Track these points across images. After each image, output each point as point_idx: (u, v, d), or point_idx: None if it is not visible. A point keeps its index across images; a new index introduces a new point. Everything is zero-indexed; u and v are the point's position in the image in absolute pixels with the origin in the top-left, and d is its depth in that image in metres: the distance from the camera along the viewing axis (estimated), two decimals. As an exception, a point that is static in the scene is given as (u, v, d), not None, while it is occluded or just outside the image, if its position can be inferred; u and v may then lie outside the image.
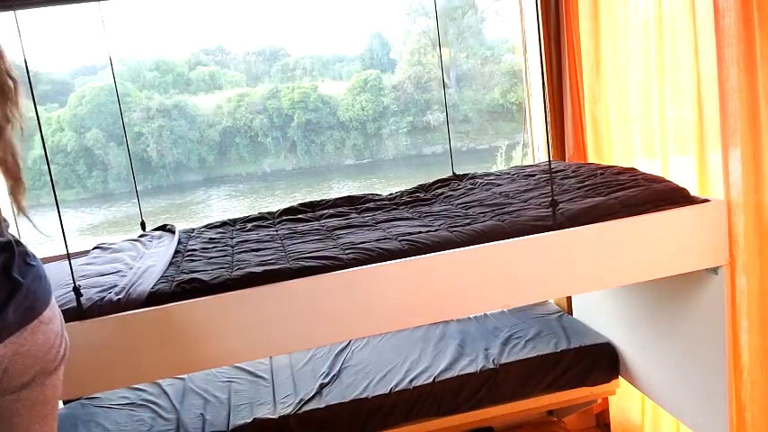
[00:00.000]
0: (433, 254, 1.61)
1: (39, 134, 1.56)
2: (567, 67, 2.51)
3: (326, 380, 2.27)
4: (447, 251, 1.62)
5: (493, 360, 2.26)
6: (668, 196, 1.76)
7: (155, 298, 1.51)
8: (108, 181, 13.50)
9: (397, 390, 2.15)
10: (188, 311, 1.49)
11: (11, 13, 1.68)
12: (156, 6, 14.94)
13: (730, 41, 1.66)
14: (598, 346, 2.32)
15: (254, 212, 2.39)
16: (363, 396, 2.14)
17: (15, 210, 1.14)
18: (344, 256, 1.62)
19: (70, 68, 14.75)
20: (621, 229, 1.70)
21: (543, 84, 2.59)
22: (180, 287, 1.53)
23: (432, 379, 2.18)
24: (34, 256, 1.09)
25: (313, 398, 2.16)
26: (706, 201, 1.76)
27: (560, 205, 1.75)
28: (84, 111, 13.43)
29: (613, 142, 2.43)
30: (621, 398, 2.49)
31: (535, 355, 2.27)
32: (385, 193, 2.44)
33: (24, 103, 1.10)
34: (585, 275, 1.72)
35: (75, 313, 1.45)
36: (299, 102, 14.25)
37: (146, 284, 1.56)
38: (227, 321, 1.50)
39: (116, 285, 1.58)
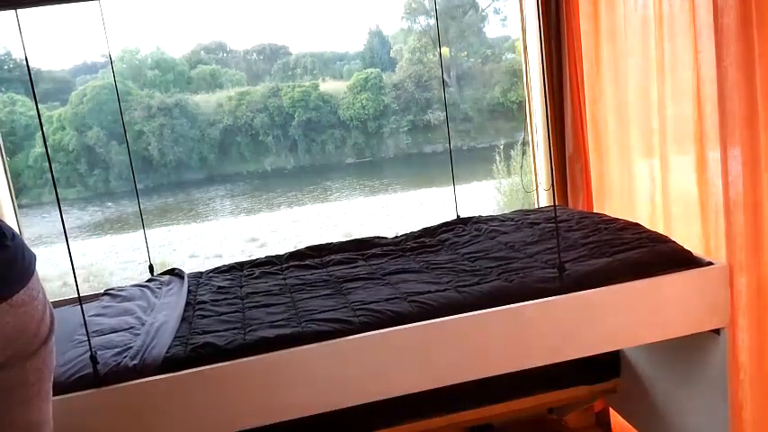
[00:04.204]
0: (442, 318, 1.65)
1: (40, 133, 1.57)
2: (568, 66, 2.52)
3: (327, 378, 2.28)
4: (455, 316, 1.66)
5: (493, 358, 2.26)
6: (672, 258, 1.77)
7: (170, 362, 1.55)
8: (109, 179, 13.51)
9: (397, 388, 2.16)
10: (203, 378, 1.53)
11: (12, 11, 1.68)
12: (157, 5, 14.95)
13: (729, 40, 1.66)
14: (598, 344, 2.33)
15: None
16: (363, 394, 2.15)
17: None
18: (355, 319, 1.65)
19: (71, 67, 14.76)
20: (626, 293, 1.72)
21: (543, 82, 2.59)
22: (194, 351, 1.57)
23: (432, 377, 2.19)
24: (13, 235, 1.08)
25: (313, 396, 2.17)
26: (709, 263, 1.78)
27: (566, 265, 1.77)
28: (86, 109, 13.44)
29: (613, 141, 2.43)
30: (621, 396, 2.50)
31: (535, 353, 2.27)
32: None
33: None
34: (590, 338, 1.75)
35: (92, 381, 1.50)
36: (299, 100, 14.25)
37: (160, 347, 1.60)
38: (241, 387, 1.55)
39: (130, 347, 1.62)
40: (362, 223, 9.65)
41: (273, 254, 2.44)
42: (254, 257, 2.47)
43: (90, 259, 9.13)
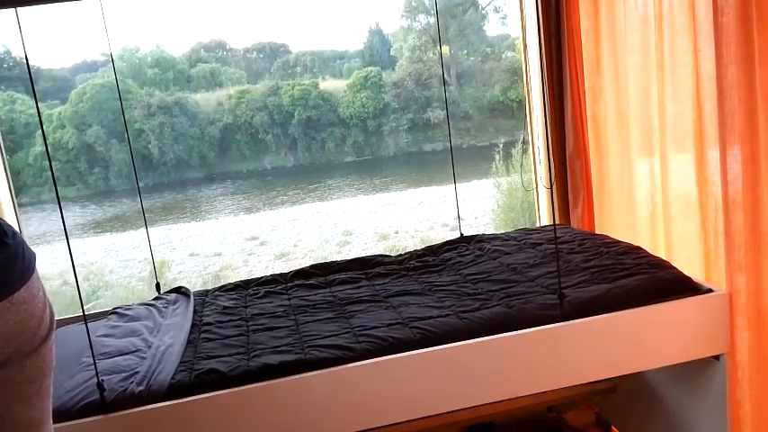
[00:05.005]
0: (443, 346, 1.67)
1: (40, 131, 1.57)
2: (568, 65, 2.52)
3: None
4: (456, 344, 1.67)
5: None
6: (672, 286, 1.78)
7: (175, 389, 1.57)
8: (109, 178, 13.52)
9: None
10: (207, 405, 1.55)
11: (12, 10, 1.68)
12: (157, 3, 14.94)
13: (729, 39, 1.66)
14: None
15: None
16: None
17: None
18: (357, 346, 1.67)
19: (71, 65, 14.77)
20: (626, 320, 1.73)
21: (543, 81, 2.59)
22: (199, 378, 1.59)
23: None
24: (13, 233, 1.07)
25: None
26: (709, 291, 1.78)
27: (566, 292, 1.78)
28: (86, 108, 13.44)
29: (613, 140, 2.43)
30: (620, 394, 2.50)
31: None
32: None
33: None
34: (589, 365, 1.76)
35: (98, 407, 1.52)
36: (299, 99, 14.25)
37: (166, 373, 1.62)
38: (245, 413, 1.57)
39: (137, 372, 1.64)
40: (362, 221, 9.65)
41: (278, 271, 2.45)
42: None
43: (90, 257, 9.13)
